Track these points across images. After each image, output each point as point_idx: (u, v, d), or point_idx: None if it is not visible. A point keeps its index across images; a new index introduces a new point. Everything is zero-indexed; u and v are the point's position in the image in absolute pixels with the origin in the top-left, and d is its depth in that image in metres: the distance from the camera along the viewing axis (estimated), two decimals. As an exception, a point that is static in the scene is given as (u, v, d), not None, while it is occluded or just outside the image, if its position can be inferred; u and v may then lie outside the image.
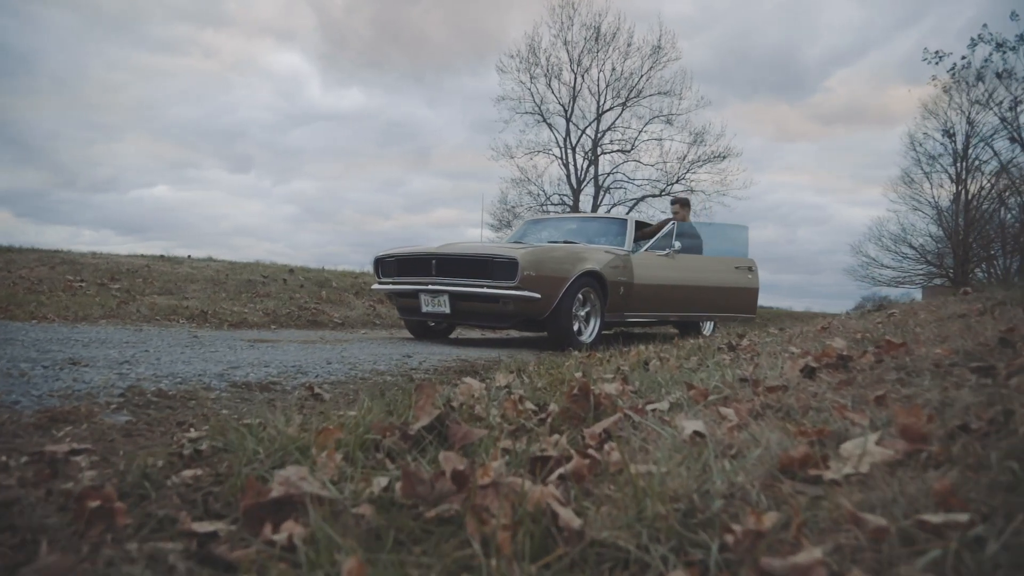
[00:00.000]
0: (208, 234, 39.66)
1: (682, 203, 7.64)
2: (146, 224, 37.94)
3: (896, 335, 2.78)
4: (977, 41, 15.25)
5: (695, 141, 22.37)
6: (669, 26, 29.92)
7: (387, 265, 5.99)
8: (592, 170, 23.75)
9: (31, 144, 33.82)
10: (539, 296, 5.12)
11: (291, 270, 10.34)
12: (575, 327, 5.50)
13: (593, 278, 5.62)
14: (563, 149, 23.68)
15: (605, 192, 23.69)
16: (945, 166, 23.30)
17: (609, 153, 23.80)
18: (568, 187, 23.55)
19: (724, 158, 22.18)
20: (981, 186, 22.73)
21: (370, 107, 37.94)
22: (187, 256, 10.73)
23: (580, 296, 5.55)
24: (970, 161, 22.72)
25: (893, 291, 24.91)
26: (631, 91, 22.89)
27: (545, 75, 23.00)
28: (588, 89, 23.28)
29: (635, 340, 6.23)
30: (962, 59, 16.07)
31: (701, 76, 41.17)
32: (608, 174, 23.77)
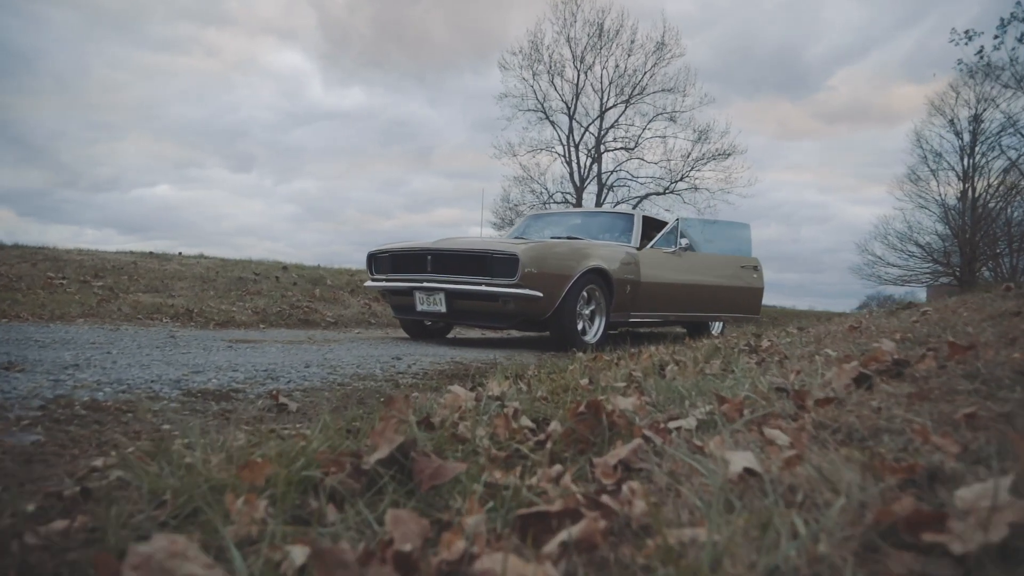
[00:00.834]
0: (210, 233, 39.54)
1: None
2: (148, 223, 37.84)
3: (944, 335, 2.46)
4: (1010, 20, 14.40)
5: (699, 138, 22.05)
6: (672, 24, 29.63)
7: (380, 261, 5.62)
8: (595, 168, 23.41)
9: (33, 143, 33.68)
10: (541, 294, 4.77)
11: (284, 267, 10.02)
12: (579, 327, 5.17)
13: (598, 275, 5.29)
14: (566, 147, 23.36)
15: (609, 190, 23.35)
16: (952, 163, 22.96)
17: (613, 151, 23.48)
18: (571, 185, 23.21)
19: (728, 156, 21.84)
20: (988, 183, 22.37)
21: (371, 106, 37.77)
22: (177, 253, 10.41)
23: (584, 294, 5.21)
24: (977, 158, 22.37)
25: (897, 290, 24.61)
26: (634, 88, 22.59)
27: (548, 72, 22.71)
28: (591, 86, 22.98)
29: (643, 340, 5.89)
30: (995, 39, 15.28)
31: (704, 74, 40.89)
32: (612, 172, 23.45)
